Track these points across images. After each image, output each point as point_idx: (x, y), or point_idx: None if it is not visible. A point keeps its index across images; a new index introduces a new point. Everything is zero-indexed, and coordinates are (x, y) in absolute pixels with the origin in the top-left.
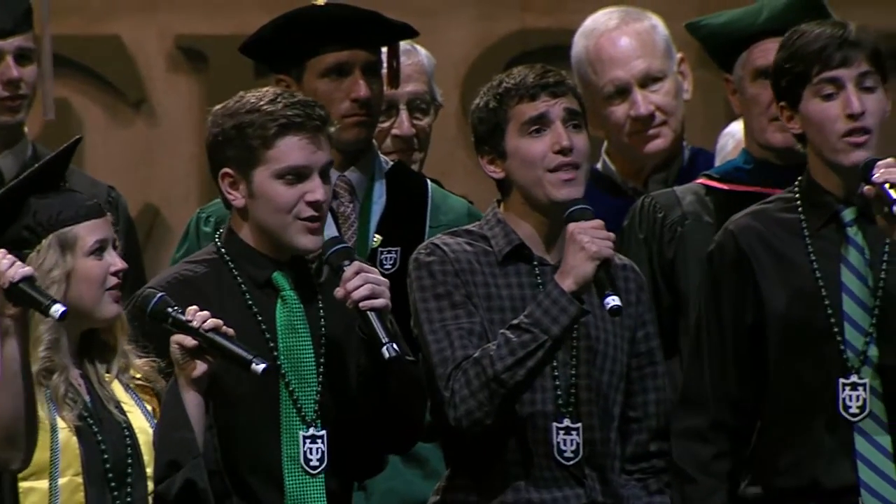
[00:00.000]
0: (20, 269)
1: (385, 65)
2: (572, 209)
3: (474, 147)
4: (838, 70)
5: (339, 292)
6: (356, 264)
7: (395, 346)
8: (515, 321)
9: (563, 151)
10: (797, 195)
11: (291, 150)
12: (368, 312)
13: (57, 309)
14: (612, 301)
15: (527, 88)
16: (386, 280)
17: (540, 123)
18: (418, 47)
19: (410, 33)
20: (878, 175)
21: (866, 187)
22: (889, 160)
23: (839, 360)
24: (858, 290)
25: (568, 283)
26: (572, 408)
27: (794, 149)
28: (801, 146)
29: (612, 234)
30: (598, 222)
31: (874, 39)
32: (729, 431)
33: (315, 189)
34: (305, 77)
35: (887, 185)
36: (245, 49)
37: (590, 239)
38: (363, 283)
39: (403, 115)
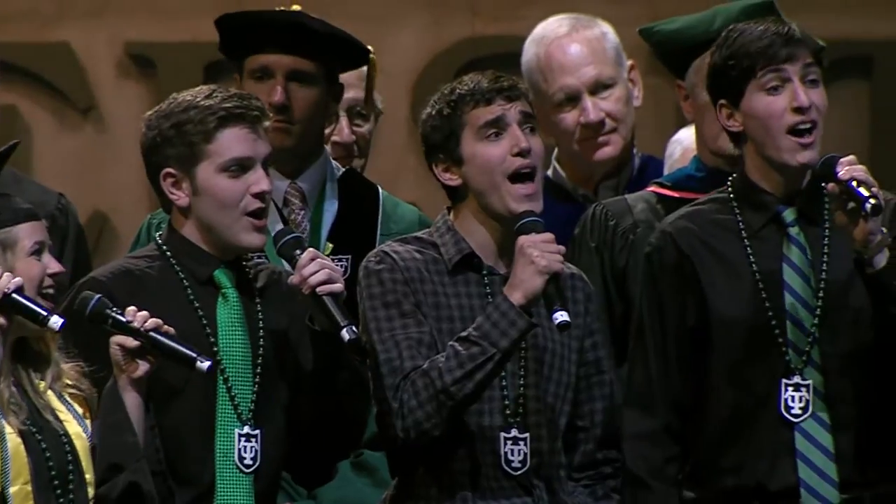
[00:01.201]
0: (13, 280)
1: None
2: (523, 221)
3: (426, 156)
4: (784, 64)
5: (294, 279)
6: (311, 251)
7: (354, 328)
8: (464, 333)
9: (521, 153)
10: (731, 195)
11: (233, 141)
12: (325, 297)
13: (56, 321)
14: (561, 316)
15: (482, 93)
16: (339, 268)
17: (497, 127)
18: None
19: (338, 45)
20: (843, 172)
21: (830, 185)
22: (851, 157)
23: (782, 361)
24: (801, 290)
25: (517, 297)
26: (520, 418)
27: None
28: (736, 146)
29: (562, 248)
30: (549, 236)
31: (813, 38)
32: (677, 434)
33: (259, 180)
34: (244, 77)
35: (855, 183)
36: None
37: (540, 253)
38: (320, 269)
39: (343, 121)
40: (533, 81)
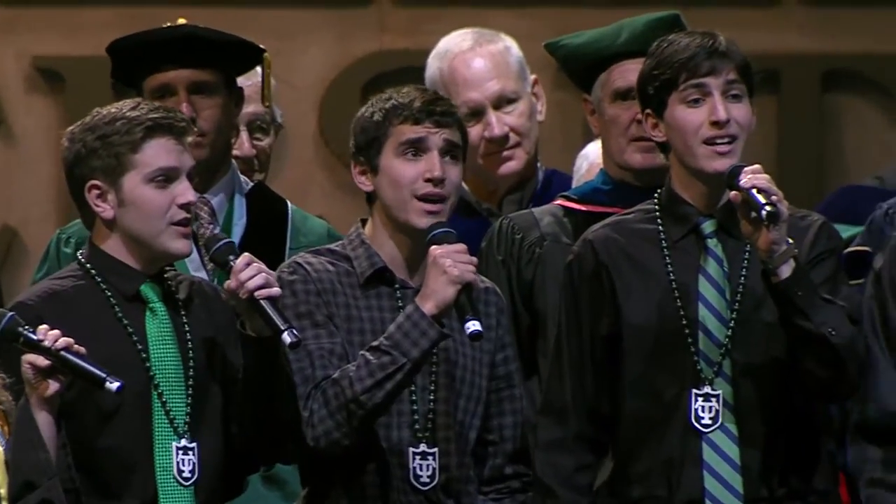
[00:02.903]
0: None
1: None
2: (435, 232)
3: (351, 154)
4: (706, 78)
5: (230, 284)
6: (246, 255)
7: (294, 331)
8: (375, 343)
9: (433, 181)
10: (657, 206)
11: (160, 152)
12: (264, 301)
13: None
14: (473, 326)
15: (412, 111)
16: (273, 272)
17: (417, 148)
18: (259, 68)
19: (241, 51)
20: (745, 180)
21: (733, 193)
22: (756, 166)
23: (693, 371)
24: (715, 302)
25: (429, 307)
26: (429, 433)
27: (652, 170)
28: (664, 156)
29: (474, 259)
30: (461, 246)
31: (742, 53)
32: (590, 443)
33: (185, 191)
34: (145, 97)
35: (755, 190)
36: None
37: (452, 263)
38: (256, 273)
39: (243, 135)
40: None
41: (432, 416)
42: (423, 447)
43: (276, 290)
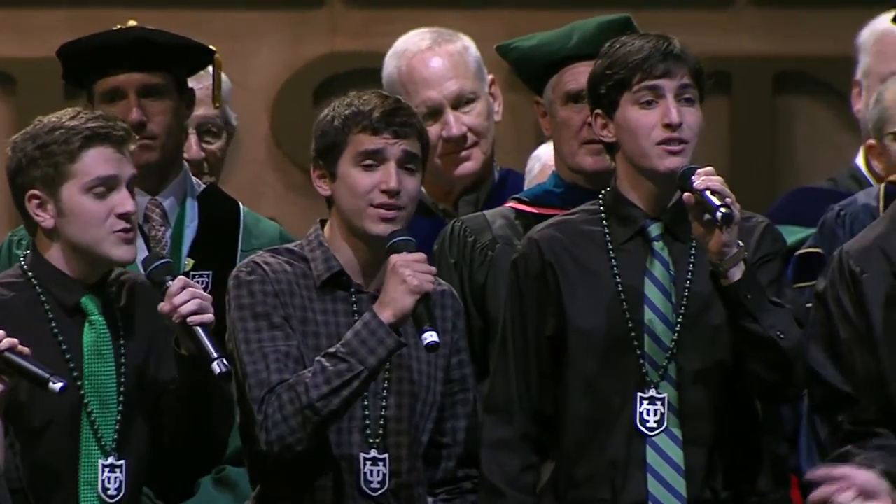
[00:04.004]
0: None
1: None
2: (395, 240)
3: (311, 157)
4: (660, 80)
5: (164, 307)
6: (181, 279)
7: (224, 361)
8: (332, 349)
9: (388, 193)
10: (602, 207)
11: (98, 161)
12: (196, 328)
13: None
14: (430, 337)
15: (372, 120)
16: (209, 296)
17: (374, 159)
18: (212, 70)
19: (190, 53)
20: (698, 182)
21: (686, 194)
22: (708, 168)
23: (638, 374)
24: (661, 305)
25: (386, 315)
26: (380, 439)
27: (604, 173)
28: (611, 158)
29: (433, 269)
30: (421, 255)
31: (696, 57)
32: (535, 443)
33: (124, 201)
34: (95, 101)
35: (709, 192)
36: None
37: (412, 273)
38: (191, 298)
39: (192, 138)
40: (394, 95)
41: (384, 423)
42: (373, 453)
43: (208, 317)
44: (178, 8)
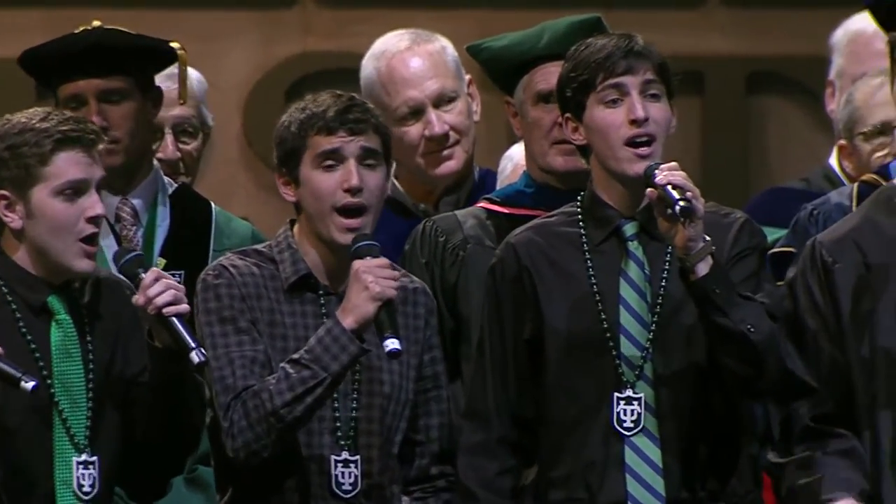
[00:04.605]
0: None
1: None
2: (359, 245)
3: (274, 166)
4: (623, 77)
5: (139, 299)
6: (154, 270)
7: (202, 350)
8: (296, 356)
9: (351, 190)
10: (579, 209)
11: (69, 165)
12: (173, 318)
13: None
14: (392, 344)
15: (326, 121)
16: (182, 287)
17: (333, 159)
18: (190, 70)
19: (153, 54)
20: (660, 177)
21: (649, 190)
22: (672, 164)
23: (614, 375)
24: (636, 305)
25: (349, 322)
26: (351, 441)
27: (575, 173)
28: (585, 160)
29: (396, 274)
30: (384, 261)
31: (660, 53)
32: (513, 447)
33: (94, 205)
34: (60, 105)
35: (670, 187)
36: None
37: (374, 279)
38: (165, 289)
39: (168, 138)
40: (374, 96)
41: (354, 424)
42: (345, 455)
43: (184, 308)
44: (150, 8)
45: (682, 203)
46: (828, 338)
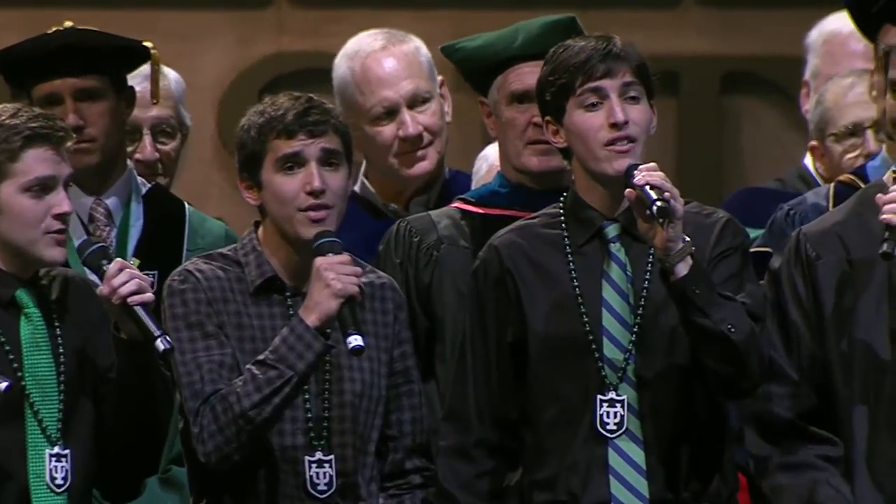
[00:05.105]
0: None
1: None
2: (320, 242)
3: (237, 171)
4: (602, 80)
5: (103, 290)
6: (118, 261)
7: (167, 338)
8: (262, 357)
9: (313, 193)
10: (561, 211)
11: (38, 161)
12: (137, 307)
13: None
14: (355, 341)
15: (285, 125)
16: (147, 277)
17: (294, 162)
18: (168, 70)
19: (128, 54)
20: (639, 178)
21: (628, 190)
22: (651, 164)
23: (597, 377)
24: (619, 307)
25: (312, 319)
26: (325, 441)
27: (550, 173)
28: (567, 162)
29: (358, 270)
30: (346, 258)
31: (639, 54)
32: (493, 449)
33: (61, 202)
34: (34, 105)
35: (648, 187)
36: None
37: (335, 276)
38: (129, 279)
39: (147, 139)
40: (347, 96)
41: (327, 423)
42: (318, 455)
43: (148, 296)
44: (125, 8)
45: (658, 203)
46: (809, 330)
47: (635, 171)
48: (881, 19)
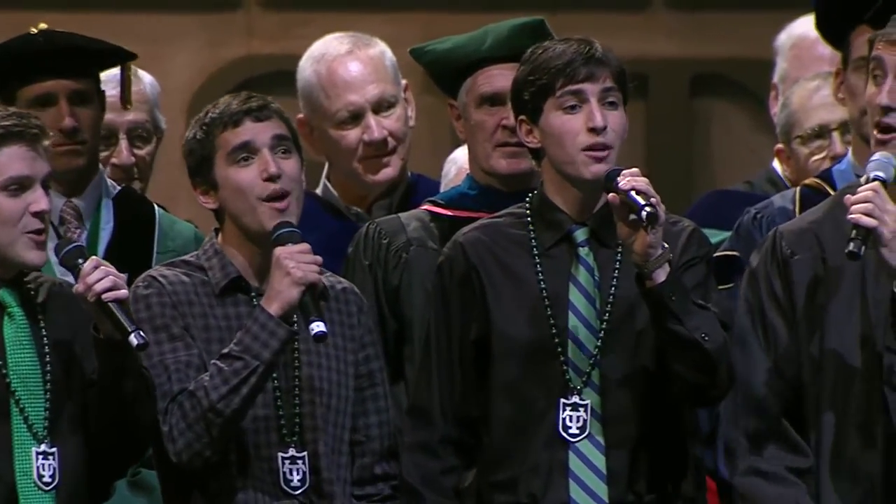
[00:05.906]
0: None
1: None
2: (279, 232)
3: (190, 180)
4: (583, 84)
5: (79, 288)
6: (94, 259)
7: (141, 333)
8: (225, 350)
9: (270, 178)
10: (528, 212)
11: (13, 160)
12: (112, 303)
13: None
14: (317, 327)
15: (230, 116)
16: (123, 274)
17: (246, 151)
18: (143, 74)
19: (113, 58)
20: (623, 182)
21: (611, 195)
22: (633, 169)
23: (561, 380)
24: (585, 311)
25: (274, 308)
26: (297, 438)
27: (519, 175)
28: (536, 163)
29: (318, 259)
30: (305, 246)
31: (618, 60)
32: (457, 446)
33: (39, 200)
34: (21, 107)
35: (634, 192)
36: None
37: (295, 264)
38: (104, 276)
39: (123, 143)
40: (312, 98)
41: (299, 420)
42: (291, 451)
43: (123, 293)
44: (95, 10)
45: (648, 209)
46: (786, 328)
47: (618, 177)
48: (852, 20)
